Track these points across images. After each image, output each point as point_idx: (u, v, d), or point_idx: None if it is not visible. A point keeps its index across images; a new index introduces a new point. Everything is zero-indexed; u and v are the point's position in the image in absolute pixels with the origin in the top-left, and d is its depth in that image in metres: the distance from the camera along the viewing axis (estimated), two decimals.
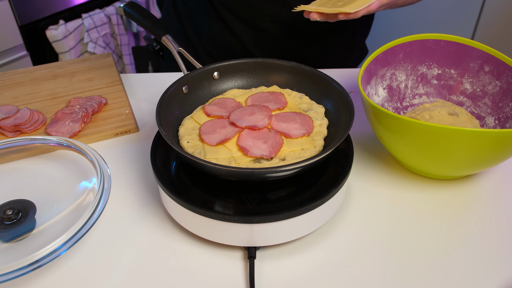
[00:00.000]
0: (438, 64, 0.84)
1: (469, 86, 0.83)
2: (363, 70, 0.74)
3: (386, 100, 0.83)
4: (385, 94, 0.83)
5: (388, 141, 0.72)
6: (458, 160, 0.67)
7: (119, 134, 0.85)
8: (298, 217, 0.60)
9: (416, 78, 0.85)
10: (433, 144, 0.65)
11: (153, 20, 0.84)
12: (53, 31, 1.77)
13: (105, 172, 0.67)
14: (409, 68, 0.84)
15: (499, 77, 0.78)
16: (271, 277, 0.61)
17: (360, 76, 0.73)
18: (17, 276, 0.55)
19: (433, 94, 0.85)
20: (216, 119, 0.71)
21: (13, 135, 0.83)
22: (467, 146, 0.64)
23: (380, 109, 0.67)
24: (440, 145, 0.65)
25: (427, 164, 0.72)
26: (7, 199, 0.67)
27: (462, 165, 0.69)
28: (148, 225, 0.68)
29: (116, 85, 0.96)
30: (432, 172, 0.75)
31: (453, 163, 0.69)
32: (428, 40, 0.82)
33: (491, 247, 0.65)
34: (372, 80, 0.79)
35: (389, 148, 0.74)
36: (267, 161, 0.65)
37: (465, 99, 0.83)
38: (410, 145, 0.68)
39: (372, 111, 0.70)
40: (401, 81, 0.84)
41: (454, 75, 0.83)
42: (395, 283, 0.60)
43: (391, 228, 0.68)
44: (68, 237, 0.58)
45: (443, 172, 0.73)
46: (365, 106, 0.73)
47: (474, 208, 0.71)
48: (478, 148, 0.64)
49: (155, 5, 2.12)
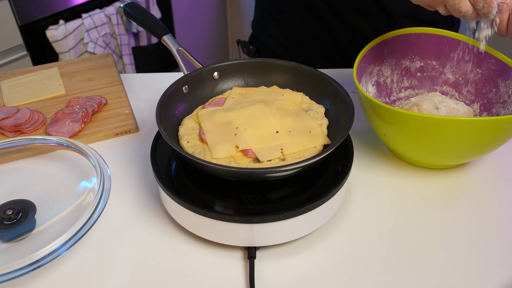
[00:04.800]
0: (420, 57, 0.86)
1: (451, 76, 0.85)
2: (355, 68, 0.75)
3: (375, 96, 0.85)
4: (374, 90, 0.85)
5: (389, 134, 0.73)
6: (453, 149, 0.69)
7: (119, 134, 0.85)
8: (298, 217, 0.61)
9: (400, 72, 0.87)
10: (429, 135, 0.67)
11: (153, 20, 0.84)
12: (53, 31, 1.77)
13: (105, 172, 0.67)
14: (394, 63, 0.86)
15: (479, 64, 0.81)
16: (271, 277, 0.61)
17: (355, 75, 0.74)
18: (17, 276, 0.55)
19: (418, 86, 0.88)
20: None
21: (13, 135, 0.83)
22: (460, 134, 0.66)
23: (378, 103, 0.68)
24: (436, 135, 0.67)
25: (424, 154, 0.74)
26: (7, 199, 0.67)
27: (457, 153, 0.71)
28: (148, 225, 0.68)
29: (116, 85, 0.96)
30: (430, 162, 0.76)
31: (448, 152, 0.70)
32: (410, 34, 0.84)
33: (493, 247, 0.65)
34: (362, 78, 0.81)
35: (389, 142, 0.76)
36: (267, 161, 0.65)
37: (449, 88, 0.86)
38: (410, 137, 0.70)
39: (370, 106, 0.71)
40: (387, 76, 0.86)
41: (436, 66, 0.86)
42: (395, 283, 0.60)
43: (391, 228, 0.68)
44: (68, 237, 0.58)
45: (441, 161, 0.75)
46: (363, 102, 0.74)
47: (472, 196, 0.71)
48: (471, 136, 0.66)
49: (155, 5, 2.12)
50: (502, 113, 0.77)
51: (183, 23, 2.42)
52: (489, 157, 0.80)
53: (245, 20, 2.66)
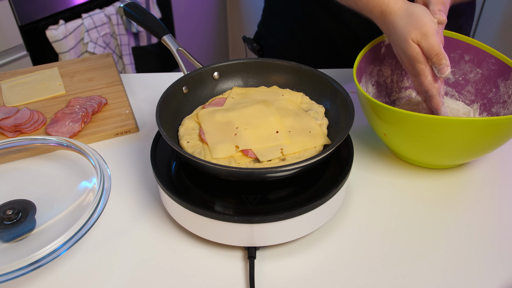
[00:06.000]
0: None
1: (451, 76, 0.86)
2: (355, 68, 0.75)
3: (375, 96, 0.85)
4: (374, 90, 0.85)
5: (388, 134, 0.73)
6: (453, 149, 0.69)
7: (119, 134, 0.85)
8: (298, 217, 0.60)
9: (400, 72, 0.87)
10: (429, 135, 0.67)
11: (153, 20, 0.84)
12: (53, 31, 1.77)
13: (105, 172, 0.67)
14: (394, 63, 0.86)
15: (479, 65, 0.81)
16: (271, 277, 0.61)
17: (355, 75, 0.74)
18: (17, 276, 0.55)
19: None
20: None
21: (13, 135, 0.83)
22: (460, 134, 0.66)
23: (378, 103, 0.68)
24: (436, 135, 0.67)
25: (424, 154, 0.74)
26: (7, 199, 0.67)
27: (457, 153, 0.71)
28: (148, 225, 0.68)
29: (116, 85, 0.96)
30: (430, 162, 0.76)
31: (448, 151, 0.70)
32: None
33: (492, 246, 0.65)
34: (362, 78, 0.81)
35: (389, 142, 0.76)
36: (267, 161, 0.65)
37: (449, 88, 0.86)
38: (410, 137, 0.70)
39: (370, 106, 0.72)
40: (387, 76, 0.87)
41: None
42: (395, 283, 0.60)
43: (391, 228, 0.68)
44: (68, 237, 0.58)
45: (441, 161, 0.75)
46: (363, 102, 0.74)
47: (472, 196, 0.71)
48: (471, 136, 0.66)
49: (155, 5, 2.12)
50: (502, 113, 0.77)
51: (183, 23, 2.42)
52: (489, 157, 0.80)
53: (245, 20, 2.66)
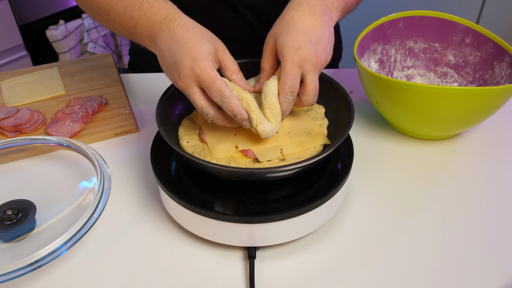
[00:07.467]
0: (424, 39, 0.92)
1: (452, 58, 0.91)
2: (357, 44, 0.80)
3: (377, 72, 0.89)
4: (377, 67, 0.89)
5: (383, 105, 0.79)
6: (449, 117, 0.75)
7: (119, 134, 0.85)
8: (298, 217, 0.60)
9: (404, 52, 0.92)
10: (425, 105, 0.73)
11: None
12: (53, 31, 1.77)
13: (105, 172, 0.67)
14: (398, 43, 0.91)
15: (479, 47, 0.87)
16: (271, 277, 0.61)
17: (355, 49, 0.79)
18: (17, 276, 0.55)
19: (420, 66, 0.93)
20: None
21: (13, 135, 0.83)
22: (455, 103, 0.72)
23: (373, 73, 0.74)
24: (432, 105, 0.72)
25: (417, 124, 0.80)
26: (7, 199, 0.67)
27: (453, 122, 0.77)
28: (148, 225, 0.68)
29: (116, 85, 0.96)
30: (421, 133, 0.82)
31: (444, 121, 0.76)
32: (414, 17, 0.89)
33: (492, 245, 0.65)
34: (365, 54, 0.86)
35: (384, 113, 0.82)
36: (267, 161, 0.65)
37: (449, 69, 0.91)
38: (405, 107, 0.76)
39: (368, 78, 0.77)
40: (390, 55, 0.91)
41: (439, 48, 0.92)
42: (395, 283, 0.60)
43: (391, 228, 0.68)
44: (68, 237, 0.58)
45: (433, 132, 0.81)
46: (361, 74, 0.79)
47: (473, 196, 0.71)
48: (466, 105, 0.72)
49: None
50: None
51: None
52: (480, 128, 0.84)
53: None
